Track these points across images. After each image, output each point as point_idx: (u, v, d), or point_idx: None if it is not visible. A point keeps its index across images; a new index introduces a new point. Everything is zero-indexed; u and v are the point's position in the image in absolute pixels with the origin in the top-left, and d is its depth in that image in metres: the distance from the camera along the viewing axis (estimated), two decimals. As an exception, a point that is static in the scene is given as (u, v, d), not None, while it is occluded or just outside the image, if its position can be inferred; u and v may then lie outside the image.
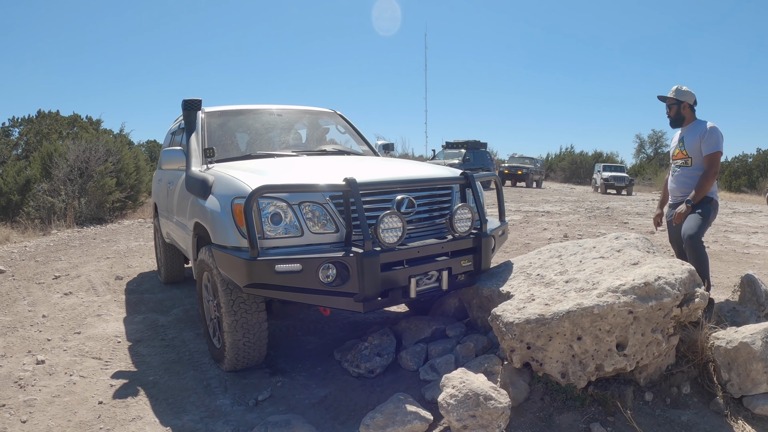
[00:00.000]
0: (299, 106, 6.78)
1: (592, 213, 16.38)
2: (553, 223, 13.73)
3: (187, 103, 5.57)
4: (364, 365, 4.44)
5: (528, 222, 14.03)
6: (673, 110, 5.24)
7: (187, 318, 6.07)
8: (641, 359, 3.59)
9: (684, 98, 5.16)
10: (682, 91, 5.18)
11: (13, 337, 5.53)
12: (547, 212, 16.52)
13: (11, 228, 13.58)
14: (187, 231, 5.25)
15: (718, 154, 4.99)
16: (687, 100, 5.16)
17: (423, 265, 4.15)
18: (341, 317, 6.04)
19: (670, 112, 5.28)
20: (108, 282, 7.84)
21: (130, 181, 17.29)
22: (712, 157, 4.99)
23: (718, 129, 5.03)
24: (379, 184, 4.21)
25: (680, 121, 5.26)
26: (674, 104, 5.22)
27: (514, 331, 3.56)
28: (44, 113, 29.71)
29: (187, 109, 5.60)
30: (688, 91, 5.18)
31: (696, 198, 4.98)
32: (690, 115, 5.22)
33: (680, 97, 5.17)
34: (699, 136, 5.04)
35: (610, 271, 4.00)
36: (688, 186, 5.14)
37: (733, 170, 45.89)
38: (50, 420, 3.90)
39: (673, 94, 5.21)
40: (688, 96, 5.17)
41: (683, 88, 5.19)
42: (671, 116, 5.29)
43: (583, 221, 14.32)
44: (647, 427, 3.45)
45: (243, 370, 4.60)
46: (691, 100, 5.17)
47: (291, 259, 3.73)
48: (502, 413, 3.35)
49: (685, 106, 5.19)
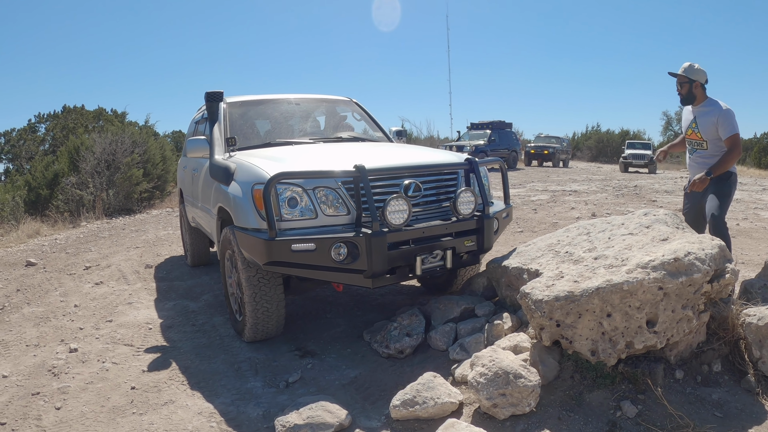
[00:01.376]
0: (317, 94, 7.00)
1: (619, 191, 16.18)
2: (580, 202, 13.60)
3: (209, 95, 5.81)
4: (394, 346, 4.46)
5: (555, 201, 13.91)
6: (685, 88, 5.16)
7: (216, 303, 6.12)
8: (671, 336, 3.54)
9: (696, 77, 5.09)
10: (694, 69, 5.10)
11: (46, 327, 5.63)
12: (574, 191, 16.36)
13: (41, 222, 13.76)
14: (211, 215, 5.53)
15: (736, 135, 4.94)
16: (699, 78, 5.09)
17: (428, 245, 4.45)
18: (370, 299, 6.07)
19: (681, 90, 5.19)
20: (138, 271, 7.93)
21: (156, 171, 17.42)
22: (733, 139, 4.94)
23: (731, 110, 4.98)
24: (387, 170, 4.51)
25: (692, 99, 5.19)
26: (686, 82, 5.14)
27: (543, 308, 3.54)
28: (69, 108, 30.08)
29: (209, 101, 5.85)
30: (700, 69, 5.10)
31: (717, 171, 4.93)
32: (702, 94, 5.15)
33: (692, 75, 5.09)
34: (714, 120, 4.99)
35: (639, 247, 3.95)
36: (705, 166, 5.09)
37: (762, 146, 44.98)
38: (84, 406, 3.96)
39: (684, 71, 5.12)
40: (701, 74, 5.09)
41: (696, 66, 5.11)
42: (683, 94, 5.20)
43: (610, 200, 14.16)
44: (678, 405, 3.40)
45: (272, 352, 4.69)
46: (703, 78, 5.11)
47: (306, 239, 4.07)
48: (532, 391, 3.35)
49: (697, 85, 5.11)
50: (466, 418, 3.45)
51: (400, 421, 3.46)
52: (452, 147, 25.86)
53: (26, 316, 6.04)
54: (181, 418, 3.72)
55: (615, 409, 3.39)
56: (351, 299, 6.09)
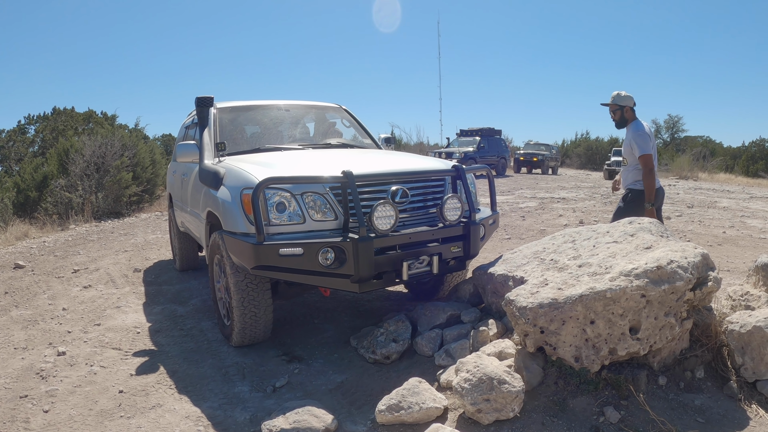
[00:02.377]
0: (306, 101, 7.07)
1: (607, 199, 16.27)
2: (568, 210, 13.69)
3: (200, 100, 5.87)
4: (380, 351, 4.49)
5: (544, 209, 13.99)
6: (617, 114, 5.74)
7: (204, 308, 6.13)
8: (654, 343, 3.59)
9: (625, 102, 5.67)
10: (622, 97, 5.68)
11: (35, 330, 5.62)
12: (562, 199, 16.45)
13: (30, 224, 13.68)
14: (200, 219, 5.56)
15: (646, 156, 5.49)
16: (627, 103, 5.67)
17: (415, 251, 4.50)
18: (358, 304, 6.10)
19: (614, 117, 5.77)
20: (126, 274, 7.93)
21: (146, 174, 17.37)
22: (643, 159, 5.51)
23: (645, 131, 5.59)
24: (374, 176, 4.58)
25: (624, 123, 5.74)
26: (618, 109, 5.72)
27: (527, 315, 3.59)
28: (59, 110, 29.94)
29: (200, 106, 5.91)
30: (627, 96, 5.68)
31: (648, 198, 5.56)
32: (631, 116, 5.72)
33: (621, 102, 5.67)
34: (629, 140, 5.61)
35: (623, 255, 4.00)
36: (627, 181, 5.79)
37: (750, 155, 45.27)
38: (72, 409, 3.97)
39: (614, 100, 5.70)
40: (628, 100, 5.67)
41: (623, 93, 5.69)
42: (616, 120, 5.77)
43: (599, 207, 14.25)
44: (661, 410, 3.45)
45: (259, 357, 4.71)
46: (631, 102, 5.68)
47: (293, 244, 4.11)
48: (516, 397, 3.39)
49: (627, 109, 5.69)
50: (451, 423, 3.48)
51: (386, 425, 3.49)
52: (441, 153, 25.88)
53: (14, 318, 6.03)
54: (168, 422, 3.74)
55: (598, 414, 3.44)
56: (338, 305, 6.12)
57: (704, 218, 12.03)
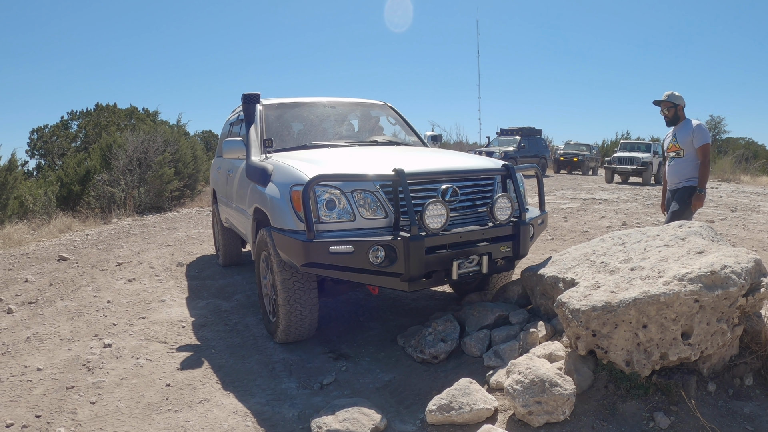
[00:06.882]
0: (351, 98, 7.03)
1: (650, 201, 16.03)
2: (610, 211, 13.49)
3: (246, 97, 5.85)
4: (428, 351, 4.46)
5: (585, 210, 13.82)
6: (671, 112, 6.15)
7: (249, 303, 6.17)
8: (705, 349, 3.52)
9: (679, 102, 6.10)
10: (676, 96, 6.10)
11: (80, 322, 5.71)
12: (604, 200, 16.23)
13: (72, 217, 13.96)
14: (246, 216, 5.56)
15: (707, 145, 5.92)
16: (681, 103, 6.11)
17: (465, 250, 4.43)
18: (403, 303, 6.08)
19: (668, 114, 6.17)
20: (170, 268, 8.02)
21: (187, 170, 17.61)
22: (704, 148, 5.93)
23: (704, 125, 6.00)
24: (425, 174, 4.51)
25: (676, 121, 6.17)
26: (672, 107, 6.12)
27: (580, 318, 3.55)
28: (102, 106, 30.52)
29: (246, 103, 5.89)
30: (680, 96, 6.12)
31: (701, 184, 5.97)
32: (683, 115, 6.18)
33: (675, 101, 6.09)
34: (690, 132, 5.97)
35: (675, 259, 3.94)
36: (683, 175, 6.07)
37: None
38: (119, 401, 4.01)
39: (668, 98, 6.10)
40: (681, 99, 6.11)
41: (676, 93, 6.12)
42: (669, 117, 6.17)
43: (641, 209, 14.03)
44: (710, 417, 3.37)
45: (306, 354, 4.71)
46: (684, 102, 6.12)
47: (344, 242, 4.08)
48: (567, 400, 3.35)
49: (681, 108, 6.14)
50: (501, 424, 3.44)
51: (435, 425, 3.46)
52: (481, 153, 25.66)
53: (60, 310, 6.13)
54: (216, 417, 3.76)
55: (648, 420, 3.38)
56: (383, 303, 6.10)
57: (748, 222, 11.78)
